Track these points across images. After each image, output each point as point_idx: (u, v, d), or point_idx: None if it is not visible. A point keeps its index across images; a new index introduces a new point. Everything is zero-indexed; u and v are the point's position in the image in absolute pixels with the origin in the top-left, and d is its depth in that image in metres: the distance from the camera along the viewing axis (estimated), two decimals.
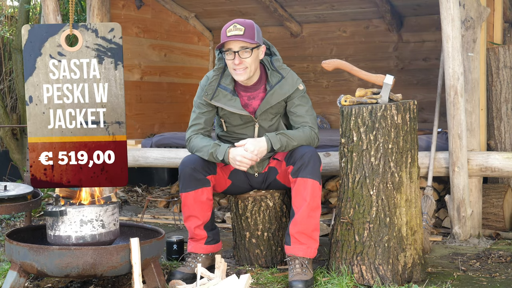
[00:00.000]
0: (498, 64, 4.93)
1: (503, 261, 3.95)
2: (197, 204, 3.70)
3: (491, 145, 5.00)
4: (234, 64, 3.59)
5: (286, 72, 3.74)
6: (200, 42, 7.18)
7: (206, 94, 3.71)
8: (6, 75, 7.83)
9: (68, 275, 3.14)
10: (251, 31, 3.57)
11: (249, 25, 3.58)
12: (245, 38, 3.54)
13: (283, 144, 3.61)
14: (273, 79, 3.71)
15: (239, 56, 3.57)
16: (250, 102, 3.75)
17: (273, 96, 3.70)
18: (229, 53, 3.59)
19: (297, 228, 3.55)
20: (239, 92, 3.75)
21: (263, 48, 3.68)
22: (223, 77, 3.73)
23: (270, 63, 3.74)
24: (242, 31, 3.54)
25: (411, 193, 3.53)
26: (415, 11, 6.42)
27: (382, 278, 3.45)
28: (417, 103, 3.60)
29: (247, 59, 3.58)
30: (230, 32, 3.55)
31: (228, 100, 3.70)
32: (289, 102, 3.75)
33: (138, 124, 6.22)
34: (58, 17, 5.13)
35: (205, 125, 3.79)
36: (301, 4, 6.59)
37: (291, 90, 3.71)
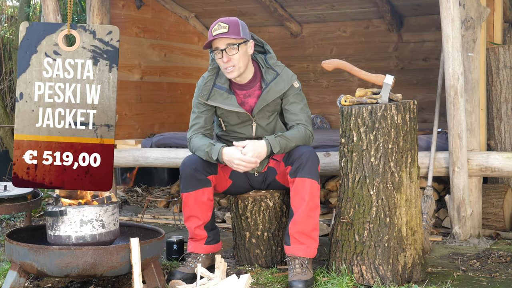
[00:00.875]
0: (498, 64, 4.93)
1: (503, 261, 3.95)
2: (198, 204, 3.70)
3: (491, 145, 5.00)
4: (223, 63, 3.61)
5: (281, 69, 3.75)
6: (200, 42, 7.18)
7: (202, 95, 3.73)
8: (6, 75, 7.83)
9: (68, 275, 3.14)
10: (235, 27, 3.59)
11: (233, 22, 3.61)
12: (229, 35, 3.56)
13: (282, 146, 3.62)
14: (268, 76, 3.72)
15: (227, 54, 3.59)
16: (246, 100, 3.76)
17: (268, 94, 3.70)
18: (217, 52, 3.62)
19: (296, 228, 3.56)
20: (234, 90, 3.77)
21: (251, 43, 3.69)
22: (218, 76, 3.75)
23: (264, 61, 3.76)
24: (226, 29, 3.57)
25: (411, 193, 3.53)
26: (415, 11, 6.42)
27: (382, 278, 3.45)
28: (417, 103, 3.60)
29: (235, 56, 3.59)
30: (215, 31, 3.58)
31: (224, 99, 3.71)
32: (284, 99, 3.76)
33: (138, 124, 6.22)
34: (58, 17, 5.13)
35: (205, 124, 3.80)
36: (301, 4, 6.59)
37: (286, 87, 3.72)
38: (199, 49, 7.14)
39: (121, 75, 5.95)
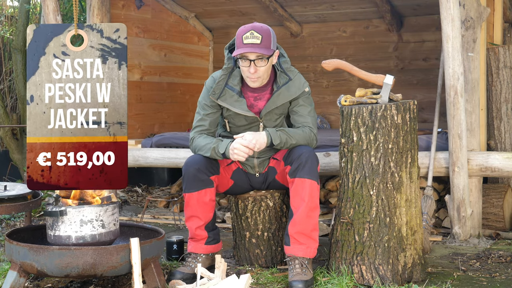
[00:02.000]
0: (498, 64, 4.93)
1: (503, 261, 3.95)
2: (200, 205, 3.69)
3: (491, 145, 5.00)
4: (250, 72, 3.57)
5: (294, 75, 3.73)
6: (200, 42, 7.18)
7: (213, 93, 3.70)
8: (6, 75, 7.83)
9: (68, 275, 3.14)
10: (268, 39, 3.53)
11: (266, 33, 3.54)
12: (262, 48, 3.50)
13: (283, 140, 3.61)
14: (281, 80, 3.70)
15: (255, 65, 3.54)
16: (256, 103, 3.75)
17: (279, 97, 3.69)
18: (244, 60, 3.56)
19: (296, 228, 3.56)
20: (246, 92, 3.74)
21: (276, 53, 3.66)
22: (231, 77, 3.71)
23: (278, 65, 3.73)
24: (259, 40, 3.50)
25: (411, 193, 3.53)
26: (415, 11, 6.42)
27: (382, 278, 3.45)
28: (417, 103, 3.60)
29: (262, 68, 3.57)
30: (247, 39, 3.51)
31: (234, 101, 3.70)
32: (293, 101, 3.75)
33: (138, 124, 6.22)
34: (58, 17, 5.13)
35: (209, 127, 3.78)
36: (301, 4, 6.59)
37: (297, 93, 3.71)
38: (199, 49, 7.14)
39: None
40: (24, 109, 7.18)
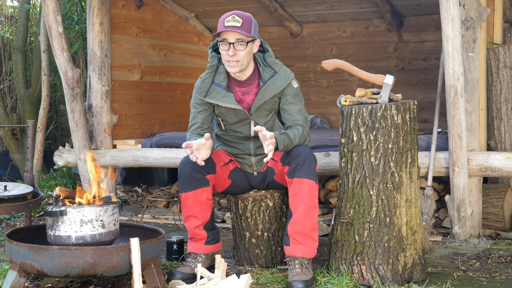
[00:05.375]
0: (498, 64, 4.93)
1: (503, 261, 3.95)
2: (196, 204, 3.69)
3: (491, 145, 5.00)
4: (228, 55, 3.61)
5: (279, 67, 3.75)
6: (200, 42, 7.18)
7: (200, 92, 3.74)
8: (6, 75, 7.83)
9: (68, 275, 3.14)
10: (248, 24, 3.60)
11: (247, 18, 3.61)
12: (242, 30, 3.56)
13: (285, 144, 3.61)
14: (266, 74, 3.73)
15: (234, 48, 3.59)
16: (244, 98, 3.76)
17: (266, 91, 3.71)
18: (224, 43, 3.61)
19: (295, 228, 3.56)
20: (233, 87, 3.77)
21: (257, 42, 3.71)
22: (217, 74, 3.76)
23: (262, 59, 3.76)
24: (240, 23, 3.57)
25: (411, 193, 3.53)
26: (415, 11, 6.42)
27: (382, 278, 3.45)
28: (417, 103, 3.60)
29: (241, 52, 3.60)
30: (228, 22, 3.58)
31: (222, 97, 3.72)
32: (282, 98, 3.76)
33: (138, 124, 6.22)
34: (58, 17, 5.12)
35: (202, 124, 3.80)
36: (301, 4, 6.59)
37: (284, 85, 3.72)
38: (199, 49, 7.14)
39: (121, 75, 5.96)
40: (24, 109, 7.18)
